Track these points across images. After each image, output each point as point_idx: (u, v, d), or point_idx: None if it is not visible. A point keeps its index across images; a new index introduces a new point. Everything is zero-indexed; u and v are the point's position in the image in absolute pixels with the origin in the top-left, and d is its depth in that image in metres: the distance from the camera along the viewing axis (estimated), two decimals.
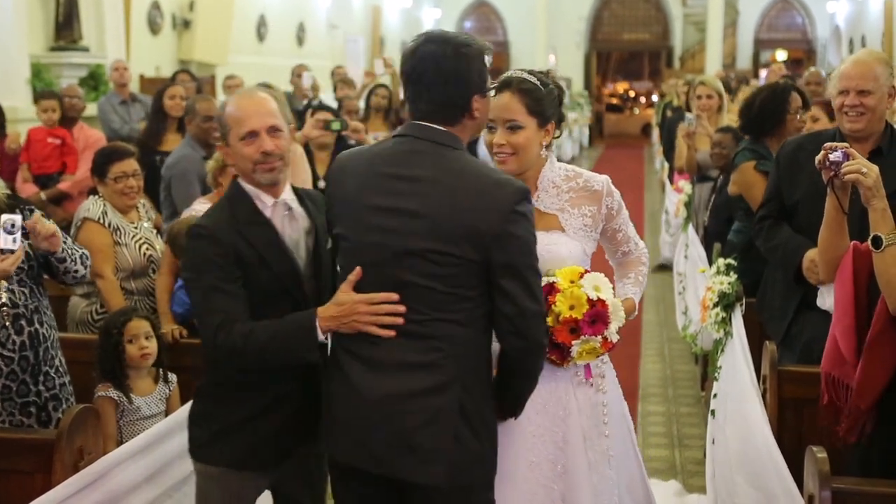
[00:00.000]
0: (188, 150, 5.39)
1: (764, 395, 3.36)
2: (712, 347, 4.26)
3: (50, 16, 9.41)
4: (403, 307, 2.34)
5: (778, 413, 3.32)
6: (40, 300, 3.25)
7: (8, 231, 2.95)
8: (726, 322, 4.04)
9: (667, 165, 9.18)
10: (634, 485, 2.93)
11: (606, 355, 2.77)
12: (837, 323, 2.74)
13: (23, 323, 3.15)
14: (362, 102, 8.13)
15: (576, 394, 2.72)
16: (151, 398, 3.51)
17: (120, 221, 4.09)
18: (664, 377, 6.17)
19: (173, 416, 3.18)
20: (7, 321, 3.10)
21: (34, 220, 3.09)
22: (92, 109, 8.72)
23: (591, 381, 2.74)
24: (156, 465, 2.99)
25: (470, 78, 2.37)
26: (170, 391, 3.58)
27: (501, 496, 2.54)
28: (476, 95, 2.40)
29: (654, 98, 26.52)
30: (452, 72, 2.35)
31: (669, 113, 9.57)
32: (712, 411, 3.90)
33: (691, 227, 6.34)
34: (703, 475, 4.15)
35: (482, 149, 2.92)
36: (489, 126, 2.64)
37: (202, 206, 4.05)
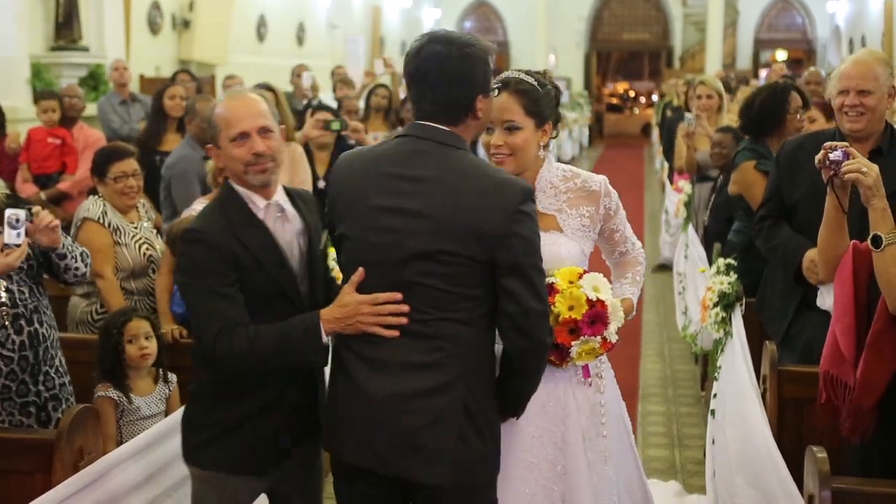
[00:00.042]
0: (188, 150, 5.39)
1: (764, 395, 3.36)
2: (712, 347, 4.26)
3: (50, 16, 9.41)
4: (407, 307, 2.34)
5: (778, 413, 3.31)
6: (40, 300, 3.25)
7: (12, 226, 2.95)
8: (726, 322, 4.04)
9: (667, 165, 9.17)
10: (632, 485, 2.93)
11: (605, 355, 2.77)
12: (837, 322, 2.74)
13: (22, 322, 3.15)
14: (362, 102, 8.13)
15: (575, 394, 2.71)
16: (151, 398, 3.51)
17: (120, 221, 4.09)
18: (664, 377, 6.17)
19: (173, 416, 3.17)
20: (7, 321, 3.10)
21: (36, 212, 3.08)
22: (92, 109, 8.72)
23: (590, 382, 2.74)
24: (155, 465, 2.99)
25: (474, 78, 2.37)
26: (169, 391, 3.58)
27: (501, 497, 2.54)
28: (480, 96, 2.40)
29: (655, 98, 26.54)
30: (457, 72, 2.34)
31: (669, 113, 9.55)
32: (712, 411, 3.90)
33: (691, 227, 6.33)
34: (703, 475, 4.15)
35: (481, 149, 2.92)
36: (486, 127, 2.63)
37: (202, 206, 4.02)
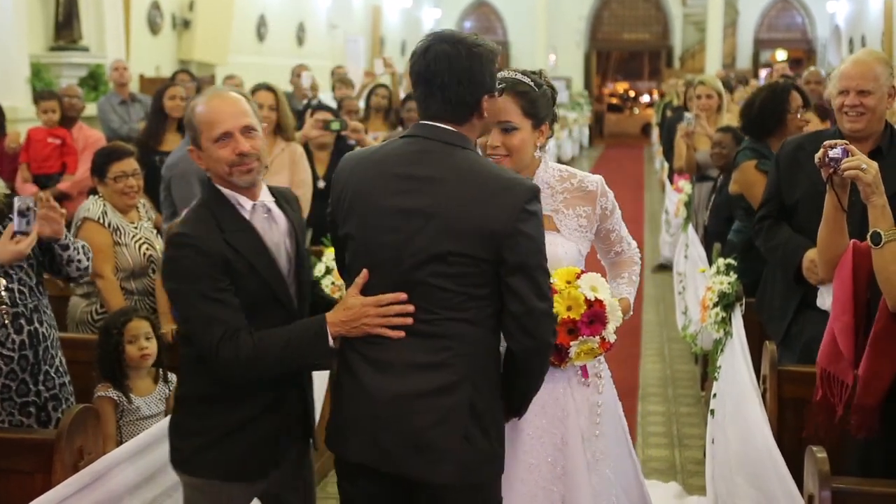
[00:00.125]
0: (188, 151, 5.37)
1: (764, 395, 3.36)
2: (712, 347, 4.26)
3: (50, 15, 9.41)
4: (412, 307, 2.34)
5: (778, 413, 3.32)
6: (40, 299, 3.25)
7: (22, 214, 2.98)
8: (726, 322, 4.04)
9: (667, 165, 9.17)
10: (630, 485, 2.93)
11: (602, 355, 2.77)
12: (836, 320, 2.74)
13: (22, 322, 3.15)
14: (362, 102, 8.13)
15: (574, 395, 2.71)
16: (151, 398, 3.51)
17: (120, 221, 4.09)
18: (664, 377, 6.17)
19: None
20: (7, 320, 3.10)
21: (40, 198, 3.09)
22: (91, 109, 8.73)
23: (589, 382, 2.74)
24: (155, 465, 2.98)
25: (482, 78, 2.37)
26: (169, 391, 3.58)
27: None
28: (486, 95, 2.40)
29: (651, 97, 26.54)
30: (466, 71, 2.34)
31: (669, 113, 9.55)
32: (712, 411, 3.90)
33: (691, 227, 6.33)
34: (703, 475, 4.15)
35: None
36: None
37: None
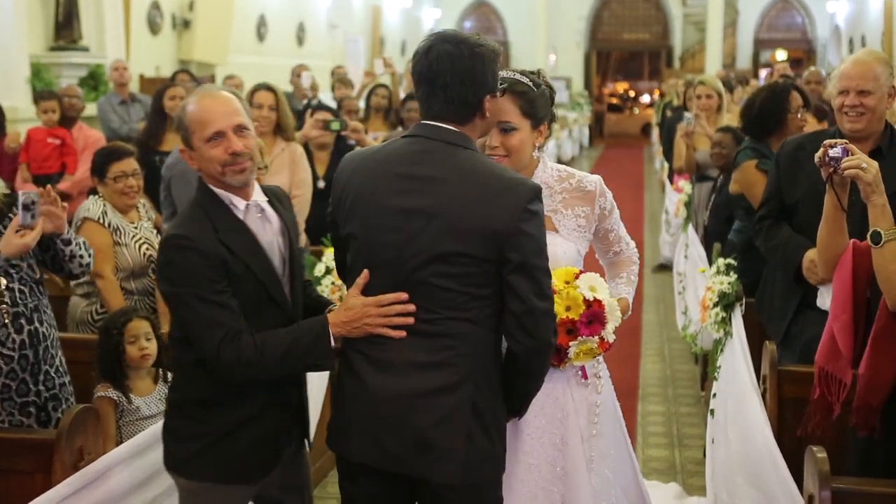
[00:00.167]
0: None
1: (764, 395, 3.36)
2: (712, 347, 4.25)
3: (50, 15, 9.41)
4: (413, 306, 2.34)
5: (778, 413, 3.31)
6: (40, 299, 3.25)
7: (27, 207, 3.01)
8: (726, 322, 4.04)
9: (667, 165, 9.17)
10: (629, 485, 2.93)
11: (601, 355, 2.76)
12: (835, 319, 2.74)
13: (22, 322, 3.15)
14: (362, 102, 8.13)
15: (573, 395, 2.71)
16: (151, 398, 3.51)
17: (120, 221, 4.10)
18: (664, 377, 6.17)
19: None
20: (7, 319, 3.10)
21: (41, 192, 3.10)
22: (91, 109, 8.73)
23: (588, 382, 2.74)
24: (155, 465, 2.97)
25: (484, 78, 2.37)
26: None
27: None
28: (488, 95, 2.40)
29: (652, 97, 26.53)
30: (469, 71, 2.34)
31: (669, 113, 9.56)
32: (712, 411, 3.90)
33: (691, 227, 6.33)
34: (703, 475, 4.15)
35: None
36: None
37: None
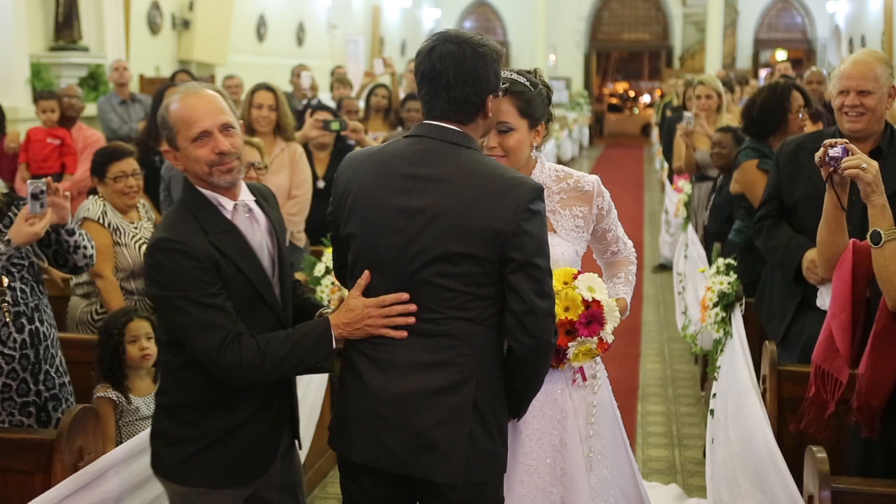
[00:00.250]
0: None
1: (764, 395, 3.36)
2: (712, 347, 4.25)
3: (50, 16, 9.41)
4: (414, 306, 2.34)
5: (778, 413, 3.31)
6: (40, 298, 3.25)
7: (36, 196, 3.05)
8: (726, 322, 4.04)
9: (667, 165, 9.17)
10: (628, 485, 2.92)
11: (599, 356, 2.76)
12: (833, 317, 2.74)
13: (23, 321, 3.15)
14: (362, 102, 8.13)
15: (572, 396, 2.71)
16: (150, 398, 3.50)
17: (120, 221, 4.10)
18: (664, 377, 6.17)
19: None
20: (8, 318, 3.10)
21: (46, 182, 3.11)
22: (91, 109, 8.73)
23: (586, 383, 2.74)
24: None
25: (487, 78, 2.37)
26: None
27: None
28: (490, 95, 2.40)
29: (652, 97, 26.54)
30: (471, 71, 2.34)
31: (669, 113, 9.56)
32: (711, 411, 3.90)
33: (691, 227, 6.33)
34: (703, 475, 4.15)
35: None
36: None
37: None
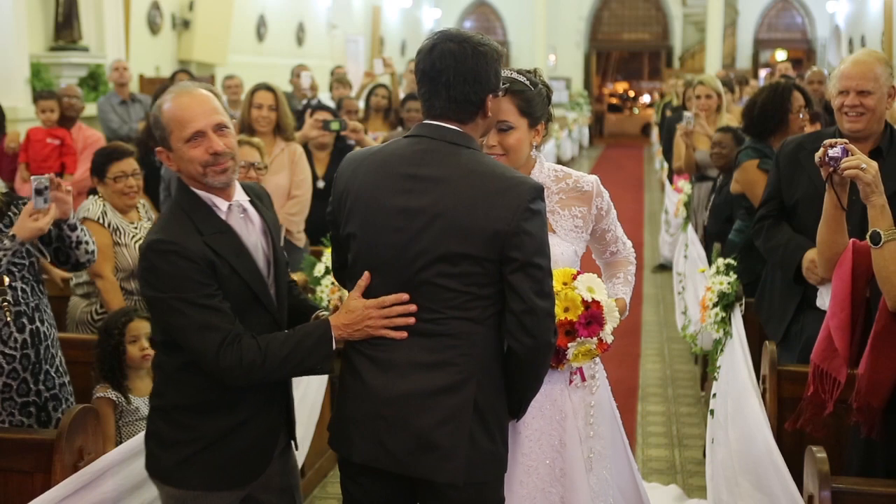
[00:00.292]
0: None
1: (764, 395, 3.36)
2: (712, 347, 4.26)
3: (50, 16, 9.41)
4: (415, 307, 2.34)
5: (778, 413, 3.31)
6: (41, 298, 3.25)
7: (39, 192, 3.06)
8: (726, 322, 4.04)
9: (666, 165, 9.17)
10: (627, 485, 2.92)
11: (599, 356, 2.76)
12: (833, 317, 2.74)
13: (24, 321, 3.15)
14: (362, 102, 8.13)
15: (571, 396, 2.71)
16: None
17: (119, 221, 4.10)
18: (664, 377, 6.17)
19: None
20: (9, 317, 3.10)
21: (48, 177, 3.12)
22: (91, 109, 8.73)
23: (585, 383, 2.74)
24: None
25: (487, 77, 2.37)
26: None
27: None
28: (490, 95, 2.40)
29: (652, 97, 26.52)
30: (472, 70, 2.34)
31: (669, 113, 9.56)
32: (711, 411, 3.90)
33: (691, 227, 6.33)
34: (703, 475, 4.15)
35: None
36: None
37: None
